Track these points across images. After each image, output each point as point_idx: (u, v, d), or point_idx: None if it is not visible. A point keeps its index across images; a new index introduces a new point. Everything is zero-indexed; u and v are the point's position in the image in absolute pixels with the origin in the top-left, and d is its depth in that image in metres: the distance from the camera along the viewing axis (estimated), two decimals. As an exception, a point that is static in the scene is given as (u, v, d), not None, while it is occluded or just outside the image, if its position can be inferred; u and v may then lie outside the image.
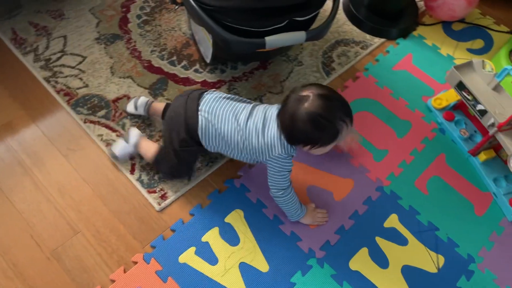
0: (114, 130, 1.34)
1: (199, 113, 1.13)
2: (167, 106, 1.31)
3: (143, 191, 1.24)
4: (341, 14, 1.75)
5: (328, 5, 1.33)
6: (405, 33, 1.71)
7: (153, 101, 1.35)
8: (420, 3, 1.81)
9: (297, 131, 1.04)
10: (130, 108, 1.36)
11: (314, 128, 1.02)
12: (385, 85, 1.56)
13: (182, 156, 1.19)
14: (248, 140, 1.12)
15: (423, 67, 1.62)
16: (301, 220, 1.21)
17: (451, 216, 1.30)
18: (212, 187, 1.28)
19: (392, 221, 1.27)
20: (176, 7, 1.37)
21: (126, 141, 1.27)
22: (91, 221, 1.20)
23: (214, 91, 1.20)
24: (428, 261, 1.22)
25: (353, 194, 1.31)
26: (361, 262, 1.20)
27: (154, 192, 1.24)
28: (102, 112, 1.37)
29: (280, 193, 1.15)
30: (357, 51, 1.64)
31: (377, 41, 1.68)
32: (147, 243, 1.17)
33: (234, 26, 1.15)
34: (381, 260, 1.21)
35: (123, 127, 1.35)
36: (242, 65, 1.54)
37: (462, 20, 1.78)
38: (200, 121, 1.13)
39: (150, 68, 1.49)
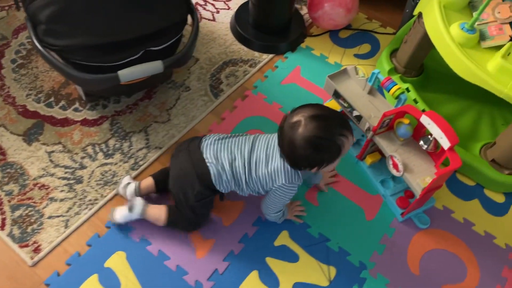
0: (-18, 185, 1.26)
1: (206, 161, 1.11)
2: (155, 176, 1.25)
3: (14, 247, 1.16)
4: (228, 35, 1.75)
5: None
6: (293, 46, 1.73)
7: (139, 183, 1.25)
8: (306, 15, 1.84)
9: (299, 157, 1.02)
10: (121, 192, 1.25)
11: (315, 151, 1.00)
12: (274, 100, 1.56)
13: (198, 209, 1.17)
14: (253, 174, 1.11)
15: (312, 78, 1.64)
16: (287, 217, 1.27)
17: (342, 225, 1.29)
18: (92, 231, 1.22)
19: (283, 238, 1.25)
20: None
21: (131, 210, 1.17)
22: (-45, 289, 1.11)
23: (209, 135, 1.18)
24: (320, 274, 1.20)
25: (243, 216, 1.28)
26: (251, 287, 1.16)
27: (27, 246, 1.17)
28: (-30, 167, 1.29)
29: (277, 214, 1.20)
30: (245, 70, 1.64)
31: (266, 57, 1.69)
32: (18, 303, 1.09)
33: (85, 63, 1.11)
34: (271, 281, 1.18)
35: (-8, 180, 1.28)
36: (126, 97, 1.50)
37: (348, 27, 1.83)
38: (211, 169, 1.11)
39: (25, 113, 1.42)
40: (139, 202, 1.19)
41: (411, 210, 1.29)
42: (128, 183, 1.26)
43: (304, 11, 1.85)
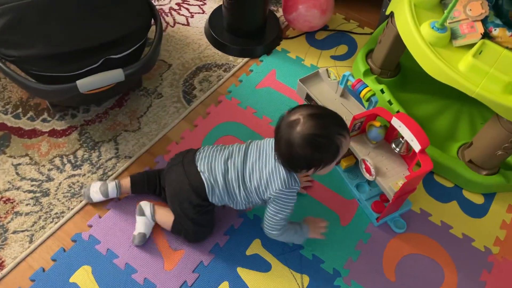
0: None
1: (201, 174, 1.09)
2: (132, 179, 1.23)
3: (-24, 264, 1.14)
4: (203, 39, 1.72)
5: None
6: (268, 50, 1.70)
7: (119, 181, 1.24)
8: (282, 17, 1.81)
9: (296, 157, 0.99)
10: (97, 197, 1.23)
11: (313, 149, 0.97)
12: (248, 105, 1.53)
13: (201, 221, 1.15)
14: (248, 184, 1.07)
15: (287, 81, 1.61)
16: (308, 236, 1.18)
17: (316, 231, 1.26)
18: (57, 245, 1.18)
19: (255, 247, 1.22)
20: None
21: (142, 214, 1.17)
22: None
23: (203, 148, 1.15)
24: (292, 283, 1.17)
25: (215, 225, 1.25)
26: (220, 299, 1.13)
27: (-10, 262, 1.14)
28: None
29: (277, 232, 1.11)
30: (219, 75, 1.61)
31: (240, 61, 1.66)
32: (-22, 323, 1.06)
33: (43, 74, 1.08)
34: (242, 293, 1.15)
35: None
36: (96, 106, 1.47)
37: (325, 28, 1.80)
38: (206, 182, 1.08)
39: (-8, 125, 1.39)
40: (144, 204, 1.18)
41: (386, 215, 1.26)
42: (103, 183, 1.23)
43: (280, 13, 1.83)
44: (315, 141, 0.97)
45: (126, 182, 1.24)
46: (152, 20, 1.27)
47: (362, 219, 1.30)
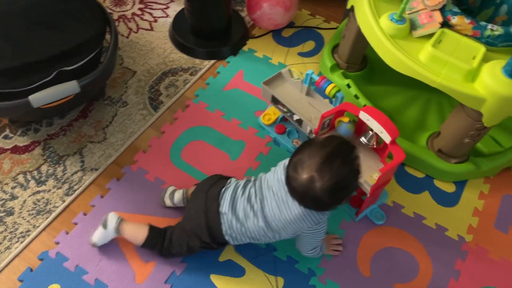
0: None
1: (220, 216, 1.06)
2: None
3: None
4: (167, 44, 1.69)
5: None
6: (235, 50, 1.68)
7: (186, 190, 1.24)
8: (247, 17, 1.79)
9: (328, 205, 0.98)
10: (168, 202, 1.25)
11: (342, 191, 0.96)
12: (217, 108, 1.51)
13: (195, 251, 1.13)
14: (273, 227, 1.05)
15: (255, 81, 1.59)
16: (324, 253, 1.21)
17: (289, 232, 1.25)
18: (24, 265, 1.15)
19: (228, 252, 1.20)
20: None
21: (105, 226, 1.14)
22: None
23: (229, 183, 1.11)
24: (267, 286, 1.15)
25: (186, 233, 1.23)
26: (194, 308, 1.11)
27: (-48, 289, 1.10)
28: None
29: (313, 251, 1.13)
30: (186, 79, 1.58)
31: (207, 63, 1.64)
32: None
33: (-7, 91, 1.04)
34: (216, 300, 1.13)
35: None
36: (59, 118, 1.43)
37: (291, 25, 1.79)
38: (224, 225, 1.06)
39: (-49, 145, 1.35)
40: (111, 217, 1.14)
41: (365, 208, 1.25)
42: (174, 190, 1.25)
43: (244, 13, 1.80)
44: (340, 186, 0.95)
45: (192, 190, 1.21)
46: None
47: (335, 216, 1.28)
